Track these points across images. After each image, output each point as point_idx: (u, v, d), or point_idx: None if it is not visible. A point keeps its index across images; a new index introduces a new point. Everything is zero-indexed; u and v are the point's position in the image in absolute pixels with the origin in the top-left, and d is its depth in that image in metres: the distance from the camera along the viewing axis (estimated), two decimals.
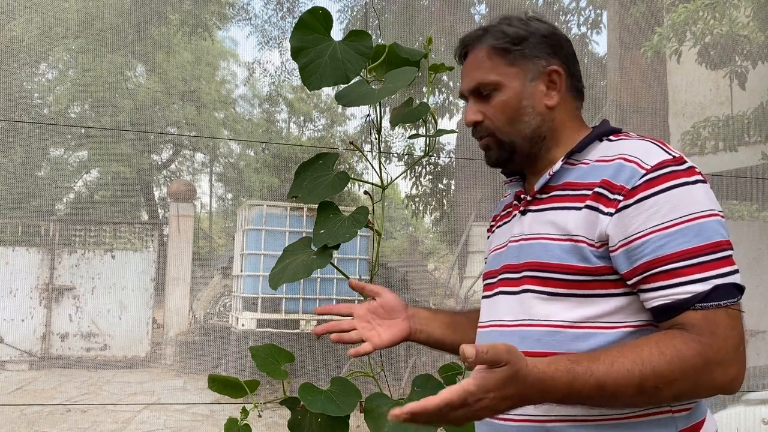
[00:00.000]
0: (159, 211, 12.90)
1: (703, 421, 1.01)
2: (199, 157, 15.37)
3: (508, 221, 1.17)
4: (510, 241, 1.11)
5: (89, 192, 11.88)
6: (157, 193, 13.57)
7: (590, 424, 0.97)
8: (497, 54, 1.09)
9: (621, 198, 0.96)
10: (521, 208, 1.11)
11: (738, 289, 0.93)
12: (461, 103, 12.68)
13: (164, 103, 11.85)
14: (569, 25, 11.08)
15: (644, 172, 0.96)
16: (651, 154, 0.98)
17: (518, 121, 1.09)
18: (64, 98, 10.48)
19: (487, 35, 1.11)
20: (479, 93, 1.11)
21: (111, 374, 8.02)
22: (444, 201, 11.57)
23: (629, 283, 0.96)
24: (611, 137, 1.06)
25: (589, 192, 0.99)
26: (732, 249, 0.94)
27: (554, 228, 1.02)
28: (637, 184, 0.95)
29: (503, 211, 1.23)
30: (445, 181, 11.62)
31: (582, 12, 10.95)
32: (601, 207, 0.97)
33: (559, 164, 1.06)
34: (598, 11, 10.85)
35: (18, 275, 8.27)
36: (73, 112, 10.88)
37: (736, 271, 0.93)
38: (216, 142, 13.90)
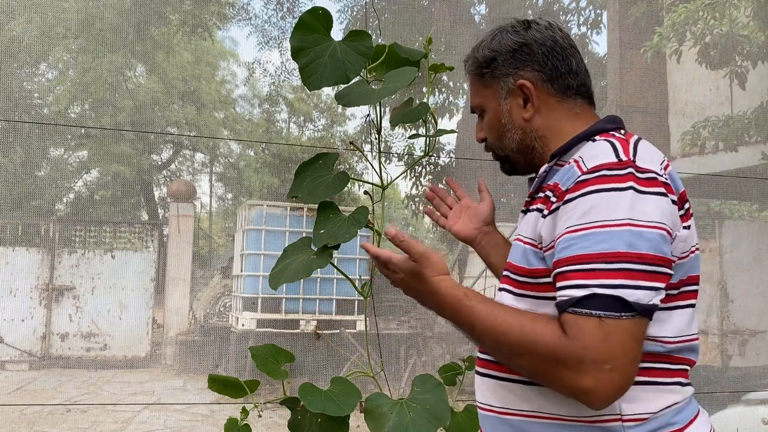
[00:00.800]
0: (159, 211, 12.90)
1: (694, 418, 1.01)
2: (199, 157, 15.38)
3: None
4: (512, 240, 1.17)
5: (89, 192, 11.88)
6: (157, 193, 13.58)
7: (540, 421, 1.00)
8: (476, 79, 1.19)
9: (555, 200, 0.98)
10: (523, 208, 1.15)
11: (625, 305, 0.87)
12: (461, 103, 12.66)
13: (164, 103, 11.84)
14: (569, 25, 11.08)
15: (579, 173, 0.96)
16: (598, 156, 0.97)
17: (504, 138, 1.17)
18: (64, 98, 10.48)
19: (469, 61, 1.20)
20: (478, 114, 1.22)
21: (111, 374, 8.01)
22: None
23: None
24: (596, 137, 1.05)
25: (542, 195, 1.03)
26: (644, 263, 0.89)
27: (522, 230, 1.08)
28: (569, 186, 0.96)
29: None
30: (445, 181, 11.62)
31: (582, 12, 10.95)
32: (543, 208, 1.01)
33: (545, 167, 1.09)
34: (598, 11, 10.85)
35: (18, 275, 8.27)
36: (73, 112, 10.88)
37: (635, 287, 0.88)
38: (216, 142, 13.90)
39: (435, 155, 10.90)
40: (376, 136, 1.40)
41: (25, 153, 8.51)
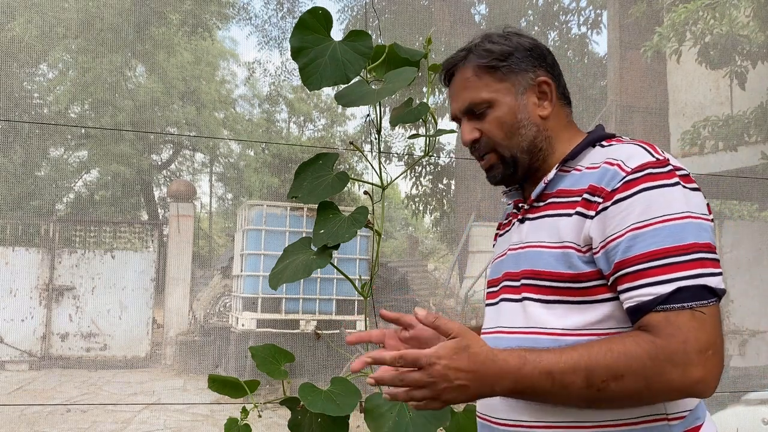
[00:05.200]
0: (159, 211, 12.91)
1: (701, 426, 1.01)
2: (199, 157, 15.38)
3: (508, 230, 1.19)
4: (509, 250, 1.13)
5: (89, 192, 11.88)
6: (157, 193, 13.59)
7: (582, 431, 0.97)
8: (485, 72, 1.11)
9: (601, 200, 0.97)
10: (519, 217, 1.13)
11: (710, 292, 0.91)
12: None
13: (164, 103, 11.85)
14: (569, 25, 11.09)
15: (624, 174, 0.97)
16: (634, 157, 0.99)
17: (516, 135, 1.10)
18: (64, 98, 10.49)
19: (471, 55, 1.12)
20: (472, 112, 1.12)
21: (111, 374, 8.02)
22: (444, 201, 11.58)
23: (609, 285, 0.97)
24: (603, 143, 1.08)
25: (579, 198, 1.01)
26: (710, 252, 0.93)
27: (547, 235, 1.04)
28: (616, 186, 0.97)
29: (505, 220, 1.26)
30: (445, 181, 11.63)
31: (582, 12, 10.96)
32: (585, 211, 0.99)
33: (553, 172, 1.08)
34: (598, 11, 10.86)
35: (18, 275, 8.27)
36: (73, 112, 10.88)
37: (711, 274, 0.92)
38: (216, 142, 13.91)
39: (435, 155, 10.92)
40: (376, 136, 1.41)
41: (25, 153, 8.51)
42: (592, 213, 0.98)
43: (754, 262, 7.62)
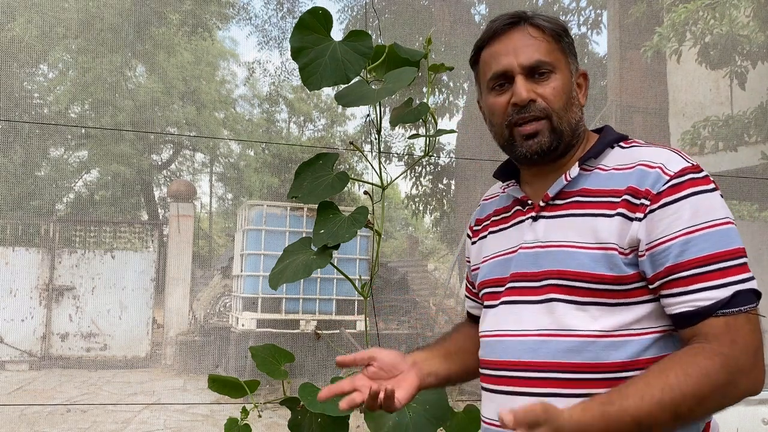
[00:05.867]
0: (159, 211, 12.90)
1: (710, 422, 1.02)
2: (199, 157, 15.38)
3: (510, 226, 1.14)
4: (521, 248, 1.08)
5: (89, 192, 11.87)
6: (157, 193, 13.57)
7: None
8: (552, 37, 1.08)
9: (648, 203, 0.97)
10: (533, 214, 1.09)
11: (756, 295, 0.93)
12: (461, 103, 12.53)
13: (164, 103, 11.84)
14: (569, 25, 11.08)
15: (668, 178, 0.97)
16: (672, 161, 0.99)
17: (569, 109, 1.07)
18: (64, 98, 10.48)
19: (538, 19, 1.08)
20: (532, 72, 1.06)
21: (111, 374, 8.01)
22: (444, 201, 11.57)
23: (651, 287, 0.97)
24: (622, 144, 1.07)
25: (618, 199, 0.99)
26: (746, 256, 0.95)
27: (578, 235, 1.01)
28: (661, 189, 0.96)
29: (496, 216, 1.20)
30: (445, 181, 11.62)
31: (582, 12, 10.96)
32: (629, 213, 0.98)
33: (576, 169, 1.06)
34: (598, 11, 10.86)
35: (18, 275, 8.27)
36: (73, 112, 10.88)
37: (753, 278, 0.94)
38: (216, 142, 13.90)
39: (435, 155, 10.91)
40: (376, 136, 1.41)
41: (25, 153, 8.51)
42: (640, 215, 0.97)
43: (754, 262, 7.61)
